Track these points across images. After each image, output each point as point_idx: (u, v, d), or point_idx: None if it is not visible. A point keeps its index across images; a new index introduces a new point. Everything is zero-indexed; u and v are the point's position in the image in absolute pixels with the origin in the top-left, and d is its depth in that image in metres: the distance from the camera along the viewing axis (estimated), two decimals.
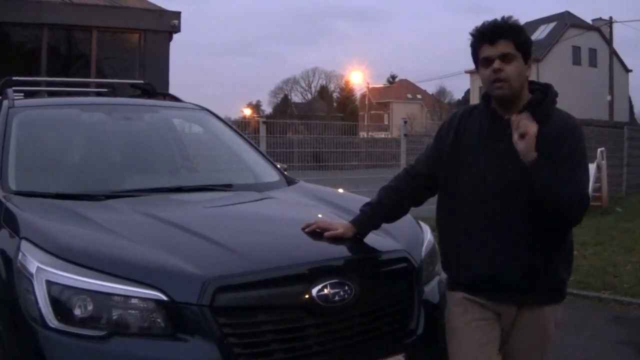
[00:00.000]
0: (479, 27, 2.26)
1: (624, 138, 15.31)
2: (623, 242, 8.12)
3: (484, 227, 2.25)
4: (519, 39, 2.21)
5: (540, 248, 2.22)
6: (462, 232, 2.31)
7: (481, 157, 2.27)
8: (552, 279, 2.27)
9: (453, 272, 2.41)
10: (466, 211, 2.29)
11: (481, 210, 2.25)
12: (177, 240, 2.35)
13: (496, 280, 2.24)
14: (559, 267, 2.28)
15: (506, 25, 2.22)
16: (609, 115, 29.33)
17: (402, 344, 2.41)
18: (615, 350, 4.42)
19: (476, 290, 2.30)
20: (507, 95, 2.22)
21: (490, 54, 2.20)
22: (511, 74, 2.19)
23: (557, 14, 40.57)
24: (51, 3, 9.63)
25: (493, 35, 2.20)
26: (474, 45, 2.27)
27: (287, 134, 11.68)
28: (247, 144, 3.98)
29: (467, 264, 2.30)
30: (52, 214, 2.60)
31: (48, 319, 2.05)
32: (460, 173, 2.32)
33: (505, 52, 2.18)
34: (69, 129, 3.59)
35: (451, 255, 2.39)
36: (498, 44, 2.19)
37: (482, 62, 2.24)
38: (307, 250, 2.41)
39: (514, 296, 2.26)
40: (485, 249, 2.24)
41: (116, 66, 10.64)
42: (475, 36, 2.26)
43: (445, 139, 2.40)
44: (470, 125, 2.35)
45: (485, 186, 2.24)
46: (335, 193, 3.61)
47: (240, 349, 2.06)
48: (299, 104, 65.59)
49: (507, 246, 2.21)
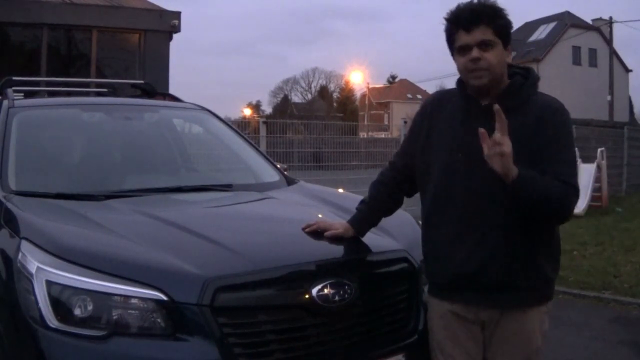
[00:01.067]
0: (454, 11, 2.06)
1: (624, 138, 15.32)
2: (623, 242, 8.13)
3: (460, 221, 2.09)
4: (498, 23, 2.02)
5: (522, 242, 2.05)
6: (438, 227, 2.16)
7: (456, 144, 2.10)
8: (535, 276, 2.09)
9: (430, 271, 2.27)
10: (441, 204, 2.14)
11: (457, 202, 2.09)
12: (177, 240, 2.35)
13: (474, 278, 2.08)
14: (543, 264, 2.11)
15: (484, 9, 2.02)
16: (609, 115, 29.30)
17: (402, 344, 2.41)
18: (615, 350, 4.41)
19: (454, 291, 2.15)
20: (486, 84, 2.05)
21: (467, 41, 2.02)
22: (491, 62, 2.01)
23: (557, 14, 40.59)
24: (51, 3, 9.63)
25: (469, 21, 2.01)
26: (449, 31, 2.09)
27: (287, 133, 11.67)
28: (247, 144, 3.98)
29: (444, 261, 2.15)
30: (52, 214, 2.60)
31: (48, 319, 2.05)
32: (434, 162, 2.17)
33: (484, 39, 2.00)
34: (69, 129, 3.59)
35: (429, 253, 2.25)
36: (475, 30, 2.00)
37: (459, 50, 2.06)
38: (307, 250, 2.41)
39: (494, 296, 2.09)
40: (463, 244, 2.08)
41: (116, 66, 10.65)
42: (449, 21, 2.08)
43: (419, 129, 2.26)
44: (444, 112, 2.19)
45: (461, 175, 2.08)
46: (335, 193, 3.61)
47: (240, 349, 2.06)
48: (299, 104, 65.58)
49: (485, 242, 2.05)
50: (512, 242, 2.06)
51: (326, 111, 60.62)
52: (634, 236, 8.48)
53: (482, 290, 2.10)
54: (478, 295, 2.11)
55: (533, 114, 2.06)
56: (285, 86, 68.77)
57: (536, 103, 2.09)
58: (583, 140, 13.64)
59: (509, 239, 2.06)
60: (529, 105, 2.08)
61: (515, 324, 2.13)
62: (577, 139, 13.29)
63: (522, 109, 2.05)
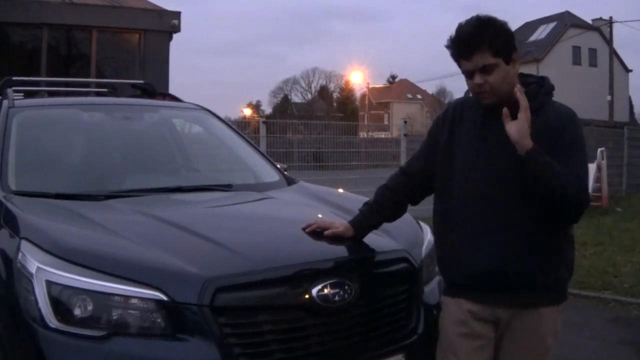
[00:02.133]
0: (453, 39, 2.13)
1: (624, 138, 15.31)
2: (623, 242, 8.13)
3: (480, 223, 2.15)
4: (496, 43, 2.06)
5: (540, 243, 2.12)
6: (458, 228, 2.20)
7: (475, 150, 2.18)
8: (552, 276, 2.17)
9: (448, 272, 2.31)
10: (462, 207, 2.20)
11: (477, 205, 2.16)
12: (177, 240, 2.35)
13: (493, 277, 2.14)
14: (559, 265, 2.18)
15: (480, 35, 2.06)
16: (609, 115, 29.33)
17: (402, 344, 2.41)
18: (615, 350, 4.42)
19: (472, 291, 2.19)
20: (493, 103, 2.12)
21: (469, 68, 2.10)
22: (494, 83, 2.08)
23: (557, 14, 40.60)
24: (51, 3, 9.63)
25: (466, 51, 2.08)
26: (452, 56, 2.16)
27: (287, 133, 11.68)
28: (247, 144, 3.98)
29: (463, 262, 2.19)
30: (52, 214, 2.60)
31: (48, 319, 2.05)
32: (455, 167, 2.23)
33: (484, 65, 2.07)
34: (69, 129, 3.59)
35: (447, 254, 2.29)
36: (475, 56, 2.07)
37: (464, 74, 2.15)
38: (307, 250, 2.41)
39: (512, 295, 2.15)
40: (483, 245, 2.14)
41: (116, 66, 10.65)
42: (450, 48, 2.15)
43: (441, 133, 2.31)
44: (466, 116, 2.26)
45: (481, 179, 2.15)
46: (335, 193, 3.61)
47: (240, 349, 2.06)
48: (299, 104, 65.58)
49: (505, 242, 2.11)
50: (532, 242, 2.11)
51: (326, 111, 60.62)
52: (634, 236, 8.48)
53: (502, 290, 2.15)
54: (497, 295, 2.16)
55: (547, 120, 2.12)
56: (285, 86, 68.82)
57: (550, 110, 2.16)
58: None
59: (529, 239, 2.11)
60: (543, 112, 2.14)
61: (530, 323, 2.18)
62: None
63: (536, 115, 2.10)
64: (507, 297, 2.16)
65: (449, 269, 2.30)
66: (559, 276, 2.20)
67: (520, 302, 2.17)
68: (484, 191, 2.15)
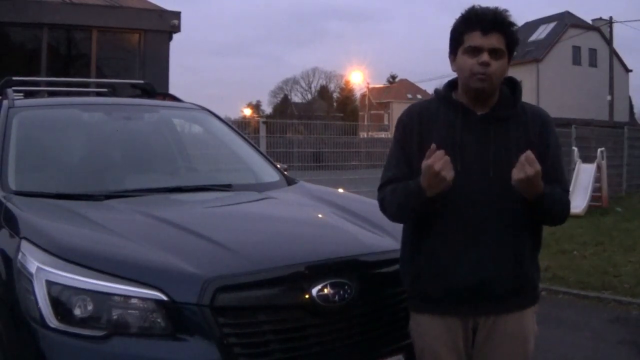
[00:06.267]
0: (475, 10, 2.04)
1: (624, 138, 15.31)
2: (623, 242, 8.13)
3: (463, 231, 2.04)
4: (512, 36, 2.06)
5: (522, 249, 2.09)
6: (437, 237, 2.08)
7: (456, 155, 2.02)
8: (532, 278, 2.15)
9: (422, 285, 2.14)
10: (442, 214, 2.05)
11: (459, 214, 2.04)
12: (177, 240, 2.35)
13: (481, 289, 2.05)
14: (537, 267, 2.19)
15: (505, 18, 2.04)
16: (609, 115, 29.29)
17: (402, 344, 2.41)
18: (615, 350, 4.41)
19: (455, 304, 2.08)
20: (486, 89, 2.05)
21: (482, 44, 2.00)
22: (497, 71, 2.03)
23: (557, 14, 40.55)
24: (51, 3, 9.63)
25: (489, 24, 2.00)
26: (461, 28, 2.05)
27: (287, 134, 11.69)
28: (247, 144, 3.98)
29: (444, 273, 2.07)
30: (52, 214, 2.60)
31: (48, 319, 2.05)
32: None
33: (497, 47, 2.02)
34: (69, 129, 3.59)
35: (424, 267, 2.13)
36: (491, 35, 2.00)
37: (468, 50, 2.03)
38: (307, 250, 2.41)
39: (498, 303, 2.08)
40: (466, 255, 2.04)
41: (116, 66, 10.64)
42: (466, 19, 2.05)
43: (409, 141, 2.14)
44: (434, 120, 2.12)
45: (464, 186, 2.02)
46: (335, 193, 3.61)
47: (240, 349, 2.06)
48: (299, 104, 65.56)
49: (491, 251, 2.04)
50: (516, 249, 2.08)
51: (326, 111, 60.63)
52: (634, 236, 8.48)
53: (487, 299, 2.08)
54: (481, 305, 2.09)
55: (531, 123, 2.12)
56: (285, 86, 68.84)
57: (527, 112, 2.15)
58: (583, 140, 13.64)
59: (513, 246, 2.08)
60: (524, 115, 2.13)
61: (515, 325, 2.13)
62: (577, 139, 13.31)
63: (516, 119, 2.10)
64: (493, 305, 2.09)
65: (423, 283, 2.14)
66: (536, 277, 2.20)
67: (507, 307, 2.11)
68: (468, 196, 2.04)
